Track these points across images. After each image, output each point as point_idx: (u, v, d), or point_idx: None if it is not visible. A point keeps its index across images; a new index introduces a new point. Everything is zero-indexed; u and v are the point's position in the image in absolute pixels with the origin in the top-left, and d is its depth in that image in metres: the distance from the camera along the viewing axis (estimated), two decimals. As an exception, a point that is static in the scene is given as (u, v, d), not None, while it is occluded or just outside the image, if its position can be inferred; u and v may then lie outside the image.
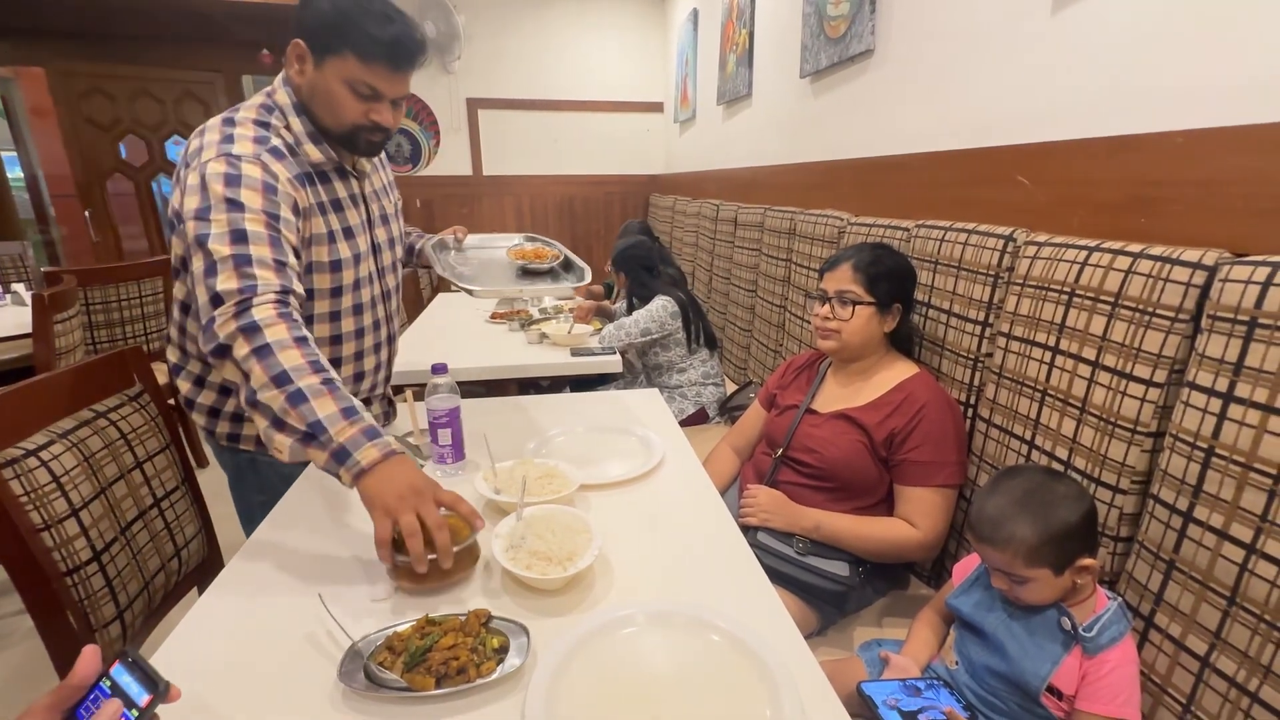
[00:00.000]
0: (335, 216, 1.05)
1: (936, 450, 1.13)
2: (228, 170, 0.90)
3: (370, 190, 1.15)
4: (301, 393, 0.80)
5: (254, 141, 0.96)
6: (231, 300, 0.84)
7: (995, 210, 1.25)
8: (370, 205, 1.15)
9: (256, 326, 0.82)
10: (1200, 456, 0.77)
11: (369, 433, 0.81)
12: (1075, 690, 0.80)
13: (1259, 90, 0.82)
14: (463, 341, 2.13)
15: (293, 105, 1.01)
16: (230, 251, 0.86)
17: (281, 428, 0.80)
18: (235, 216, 0.88)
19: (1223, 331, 0.75)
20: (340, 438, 0.79)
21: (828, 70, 2.01)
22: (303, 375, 0.81)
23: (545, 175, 4.62)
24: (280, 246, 0.91)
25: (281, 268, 0.89)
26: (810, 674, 0.66)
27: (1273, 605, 0.69)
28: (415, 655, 0.64)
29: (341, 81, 0.96)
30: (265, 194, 0.92)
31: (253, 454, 1.13)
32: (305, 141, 1.01)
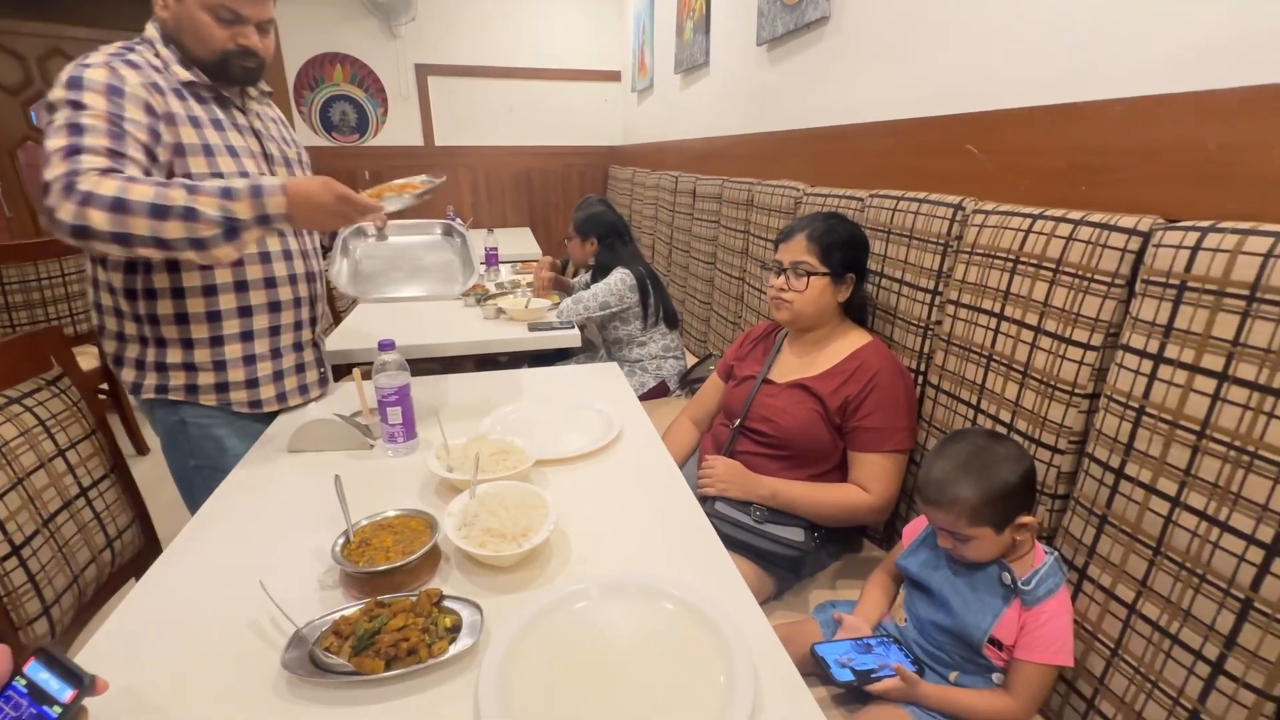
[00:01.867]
0: (213, 132, 1.06)
1: (887, 417, 1.15)
2: (71, 75, 0.93)
3: (264, 129, 1.18)
4: (189, 205, 0.87)
5: (108, 54, 0.98)
6: (58, 184, 0.85)
7: (946, 179, 1.26)
8: (265, 143, 1.17)
9: (90, 194, 0.84)
10: (1132, 416, 0.81)
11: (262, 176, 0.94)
12: (1014, 641, 0.84)
13: (1191, 59, 0.84)
14: (417, 318, 2.07)
15: (160, 38, 1.05)
16: (63, 143, 0.88)
17: (202, 246, 0.89)
18: (73, 114, 0.90)
19: (1154, 295, 0.78)
20: (244, 185, 0.90)
21: (784, 38, 1.98)
22: (170, 191, 0.87)
23: (501, 146, 4.48)
24: (122, 140, 0.92)
25: (116, 156, 0.91)
26: (764, 637, 0.67)
27: (1193, 554, 0.73)
28: (363, 638, 0.62)
29: (202, 8, 1.00)
30: (109, 96, 0.93)
31: (182, 413, 1.13)
32: (174, 65, 1.04)
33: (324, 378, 1.33)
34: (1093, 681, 0.86)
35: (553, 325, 1.91)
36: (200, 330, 1.09)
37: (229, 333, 1.12)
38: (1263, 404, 0.67)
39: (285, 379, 1.22)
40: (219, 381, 1.13)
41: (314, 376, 1.29)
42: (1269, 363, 0.66)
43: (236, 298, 1.11)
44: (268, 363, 1.18)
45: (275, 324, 1.18)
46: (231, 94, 1.12)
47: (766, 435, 1.25)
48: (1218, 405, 0.71)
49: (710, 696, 0.58)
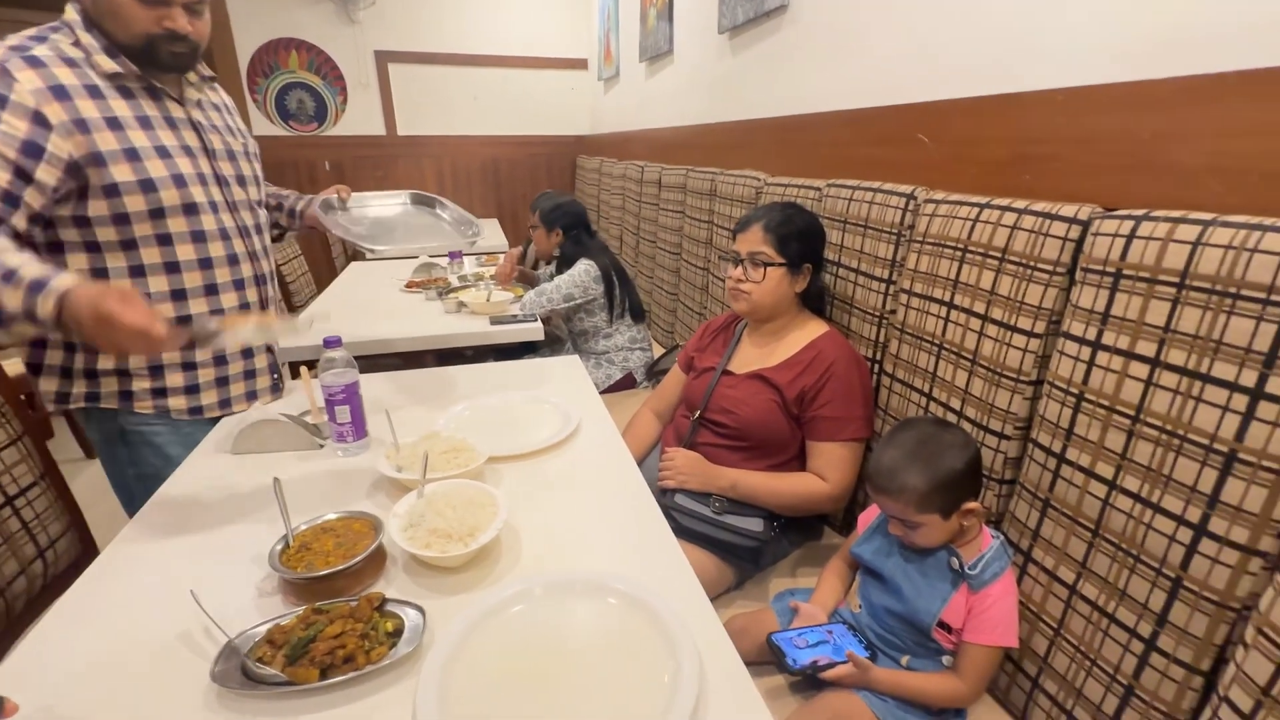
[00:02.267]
0: (140, 133, 0.98)
1: (844, 406, 1.16)
2: None
3: (205, 121, 1.10)
4: None
5: (7, 48, 0.89)
6: None
7: (899, 168, 1.27)
8: (206, 135, 1.08)
9: None
10: (1072, 402, 0.82)
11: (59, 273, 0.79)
12: (962, 624, 0.86)
13: (1129, 50, 0.85)
14: (376, 312, 2.02)
15: (81, 22, 0.95)
16: None
17: None
18: None
19: (1093, 283, 0.80)
20: (32, 273, 0.77)
21: (745, 25, 1.97)
22: None
23: (467, 136, 4.39)
24: None
25: None
26: (710, 629, 0.67)
27: (1128, 535, 0.75)
28: (297, 647, 0.60)
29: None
30: None
31: (118, 420, 1.06)
32: (98, 54, 0.95)
33: (276, 384, 1.27)
34: (1037, 661, 0.88)
35: (515, 318, 1.89)
36: None
37: None
38: (1191, 389, 0.69)
39: (231, 385, 1.16)
40: (155, 387, 1.07)
41: (265, 383, 1.23)
42: (1196, 348, 0.68)
43: (174, 307, 1.05)
44: (210, 369, 1.12)
45: (217, 306, 1.11)
46: (166, 83, 1.03)
47: (726, 426, 1.25)
48: (1150, 390, 0.73)
49: (655, 692, 0.58)
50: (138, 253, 1.00)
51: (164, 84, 1.02)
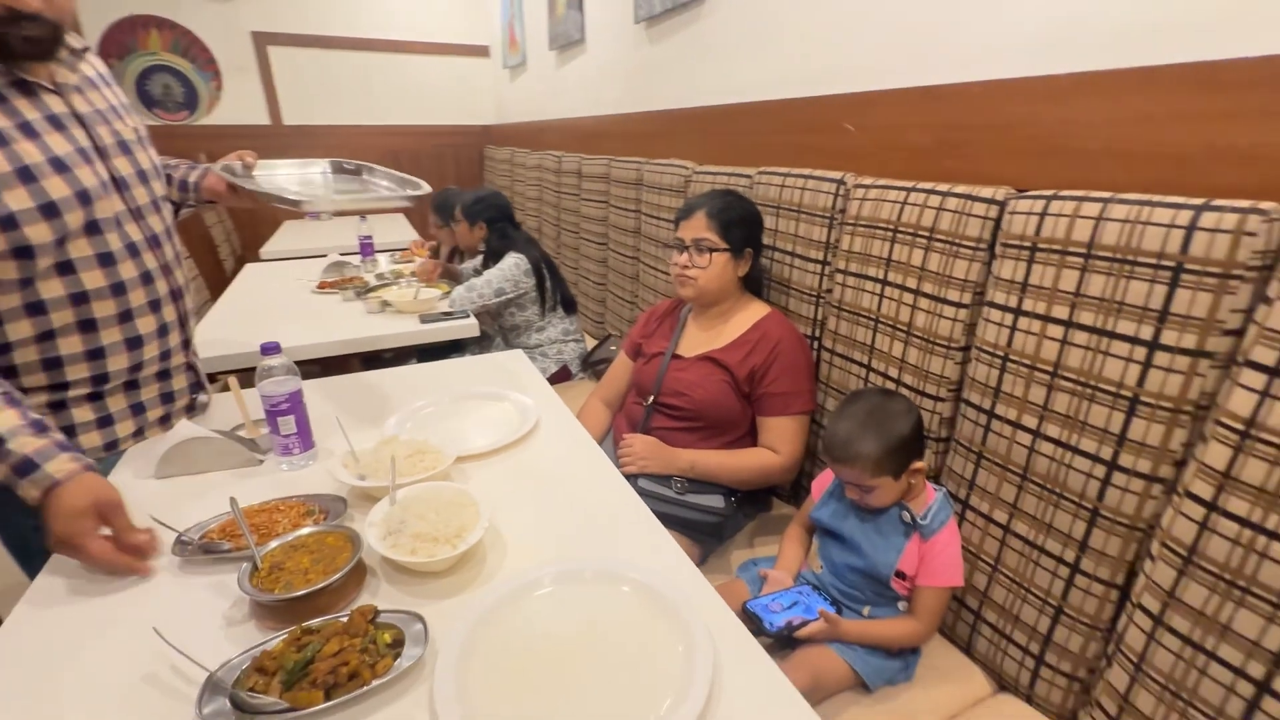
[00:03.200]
0: (30, 145, 0.81)
1: (792, 381, 1.23)
2: None
3: (90, 110, 0.91)
4: None
5: None
6: None
7: (826, 156, 1.35)
8: (94, 129, 0.91)
9: None
10: (998, 363, 0.93)
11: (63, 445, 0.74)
12: (916, 571, 0.94)
13: (1034, 46, 0.96)
14: (287, 317, 1.87)
15: None
16: None
17: None
18: None
19: (1012, 256, 0.89)
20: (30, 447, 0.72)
21: (663, 16, 2.00)
22: None
23: (363, 125, 4.14)
24: None
25: None
26: (711, 600, 0.70)
27: (1051, 475, 0.86)
28: (294, 670, 0.57)
29: None
30: None
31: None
32: None
33: (194, 404, 1.12)
34: (978, 595, 0.99)
35: (447, 315, 1.82)
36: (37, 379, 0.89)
37: (75, 378, 0.92)
38: (1099, 344, 0.79)
39: (148, 410, 1.02)
40: (62, 425, 0.92)
41: (184, 403, 1.10)
42: (1102, 309, 0.79)
43: (83, 340, 0.90)
44: (120, 395, 0.98)
45: (136, 361, 0.97)
46: (34, 74, 0.84)
47: (680, 409, 1.28)
48: (1065, 348, 0.83)
49: (672, 665, 0.60)
50: (35, 288, 0.84)
51: (34, 75, 0.84)
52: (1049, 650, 0.89)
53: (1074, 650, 0.86)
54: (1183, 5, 0.79)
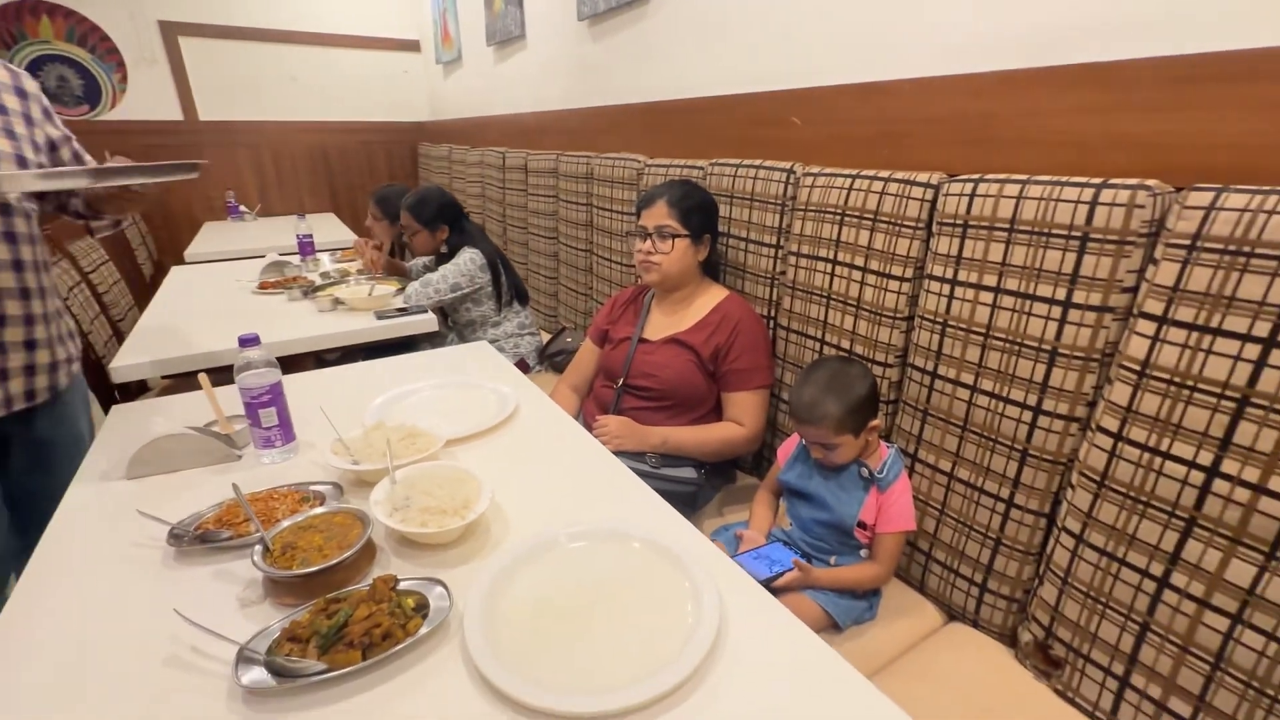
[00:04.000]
0: None
1: (752, 358, 1.31)
2: None
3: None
4: None
5: None
6: None
7: (775, 147, 1.44)
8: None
9: None
10: (938, 329, 1.04)
11: None
12: (875, 520, 1.05)
13: (959, 48, 1.08)
14: (233, 318, 1.80)
15: None
16: None
17: None
18: None
19: (947, 234, 1.01)
20: None
21: (607, 14, 2.05)
22: None
23: (288, 122, 3.96)
24: None
25: None
26: (711, 553, 0.76)
27: (988, 425, 0.98)
28: (329, 635, 0.59)
29: None
30: None
31: None
32: None
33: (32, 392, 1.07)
34: (928, 538, 1.11)
35: (404, 311, 1.81)
36: None
37: None
38: (1023, 306, 0.92)
39: None
40: None
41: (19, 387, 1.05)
42: (1025, 276, 0.91)
43: None
44: None
45: None
46: None
47: (650, 390, 1.34)
48: (995, 312, 0.95)
49: (683, 603, 0.66)
50: None
51: None
52: (990, 578, 1.02)
53: (1011, 575, 0.99)
54: (1081, 13, 0.92)
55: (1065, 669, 0.91)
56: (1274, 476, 0.69)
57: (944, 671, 0.97)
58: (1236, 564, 0.73)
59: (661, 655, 0.59)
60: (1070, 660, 0.90)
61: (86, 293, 1.88)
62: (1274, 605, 0.70)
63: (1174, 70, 0.83)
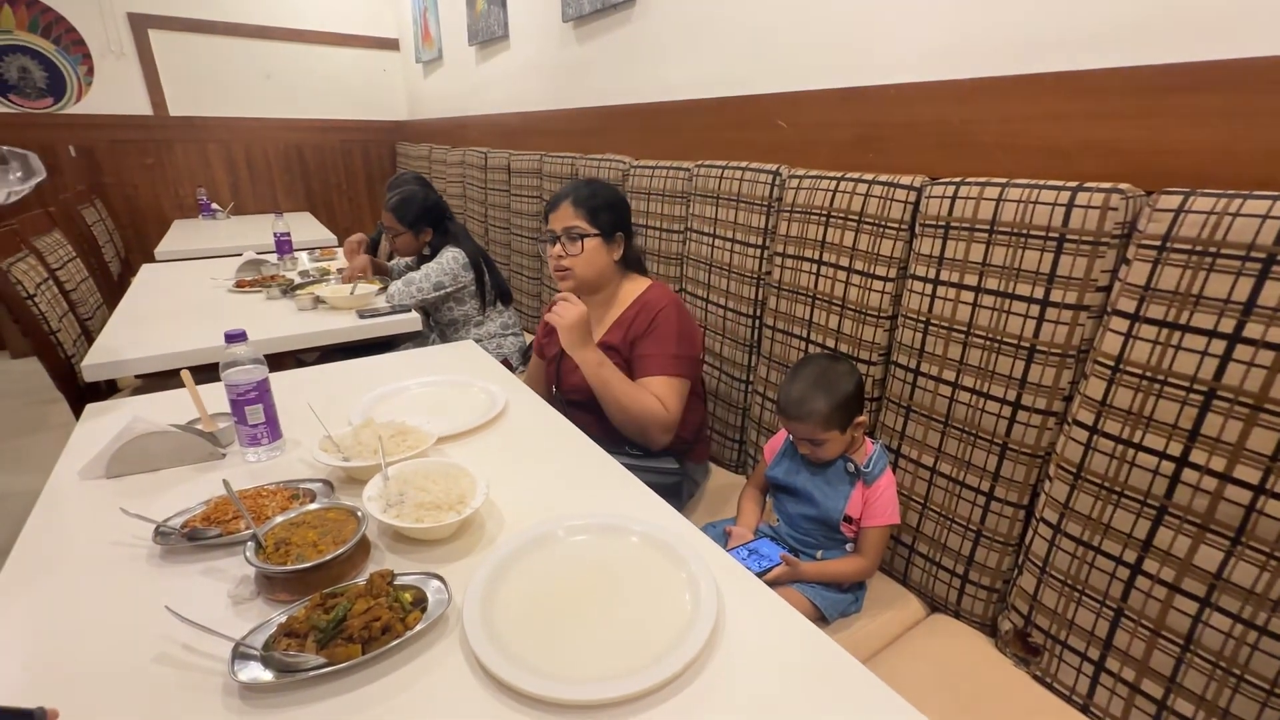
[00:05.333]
0: None
1: (659, 344, 1.23)
2: None
3: None
4: None
5: None
6: None
7: (760, 150, 1.47)
8: None
9: None
10: (921, 328, 1.07)
11: None
12: (861, 514, 1.07)
13: (940, 55, 1.11)
14: (210, 316, 1.77)
15: None
16: None
17: None
18: None
19: (930, 235, 1.04)
20: None
21: (591, 16, 2.06)
22: None
23: (261, 118, 3.88)
24: None
25: None
26: (707, 545, 0.77)
27: (969, 420, 1.01)
28: (328, 629, 0.59)
29: None
30: None
31: None
32: None
33: None
34: (911, 531, 1.13)
35: (384, 311, 1.79)
36: None
37: None
38: (1003, 305, 0.95)
39: None
40: None
41: None
42: (1005, 276, 0.94)
43: None
44: None
45: None
46: None
47: (583, 402, 1.29)
48: (976, 310, 0.99)
49: (681, 593, 0.67)
50: None
51: None
52: (972, 570, 1.05)
53: (991, 566, 1.02)
54: (1055, 24, 0.96)
55: (1044, 656, 0.94)
56: (1239, 465, 0.73)
57: (927, 662, 1.00)
58: (1205, 550, 0.76)
59: (662, 644, 0.60)
60: (1048, 647, 0.93)
61: (54, 290, 1.82)
62: (1240, 589, 0.74)
63: (1141, 80, 0.87)
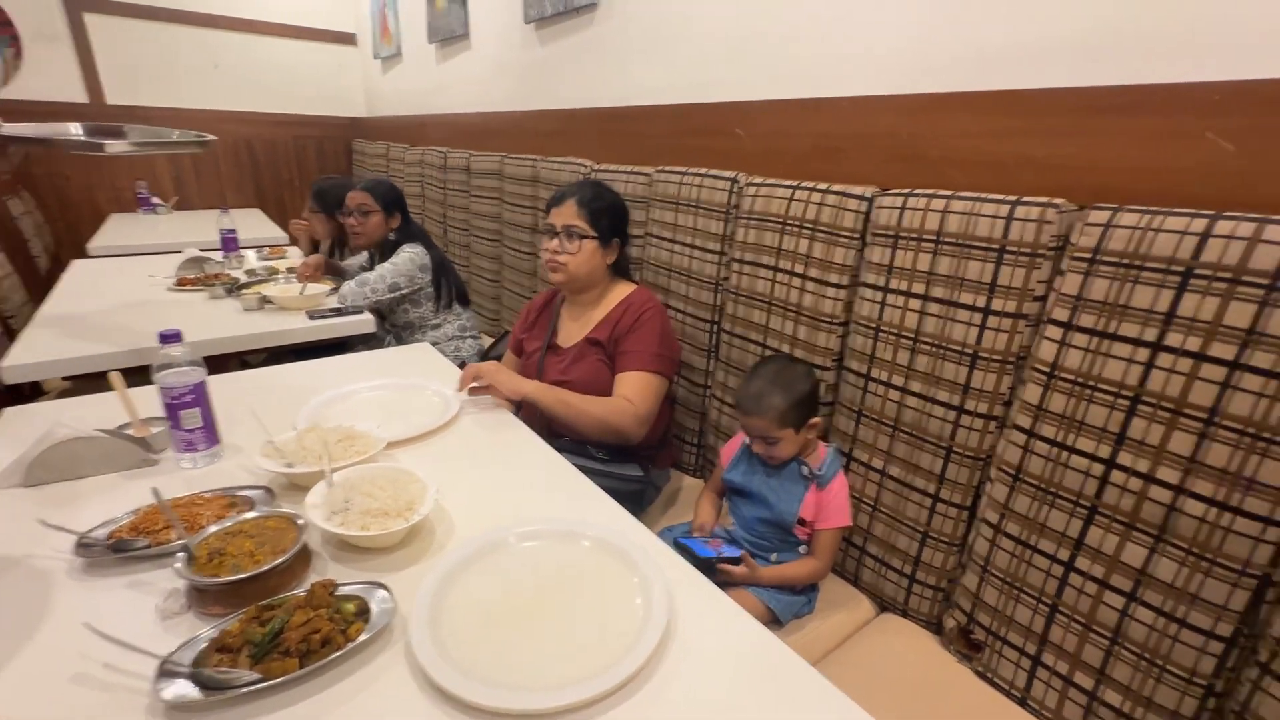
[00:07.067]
0: None
1: (643, 342, 1.25)
2: None
3: None
4: None
5: None
6: None
7: (717, 157, 1.48)
8: None
9: None
10: (871, 334, 1.10)
11: None
12: (814, 517, 1.09)
13: (891, 70, 1.15)
14: (147, 316, 1.68)
15: None
16: None
17: None
18: None
19: (879, 244, 1.07)
20: None
21: (554, 18, 2.05)
22: None
23: (209, 110, 3.72)
24: None
25: None
26: (659, 549, 0.77)
27: (917, 425, 1.04)
28: (264, 643, 0.56)
29: None
30: None
31: None
32: None
33: None
34: (862, 533, 1.16)
35: (340, 311, 1.74)
36: None
37: None
38: (949, 313, 0.98)
39: None
40: None
41: None
42: (950, 285, 0.98)
43: None
44: None
45: None
46: None
47: None
48: (923, 318, 1.02)
49: (632, 599, 0.67)
50: None
51: None
52: (919, 570, 1.08)
53: (937, 566, 1.05)
54: (996, 44, 1.00)
55: (985, 652, 0.97)
56: (1161, 467, 0.77)
57: (875, 661, 1.02)
58: (1131, 547, 0.80)
59: (612, 650, 0.60)
60: (989, 643, 0.97)
61: (-28, 286, 1.70)
62: (1162, 583, 0.78)
63: (1075, 100, 0.92)
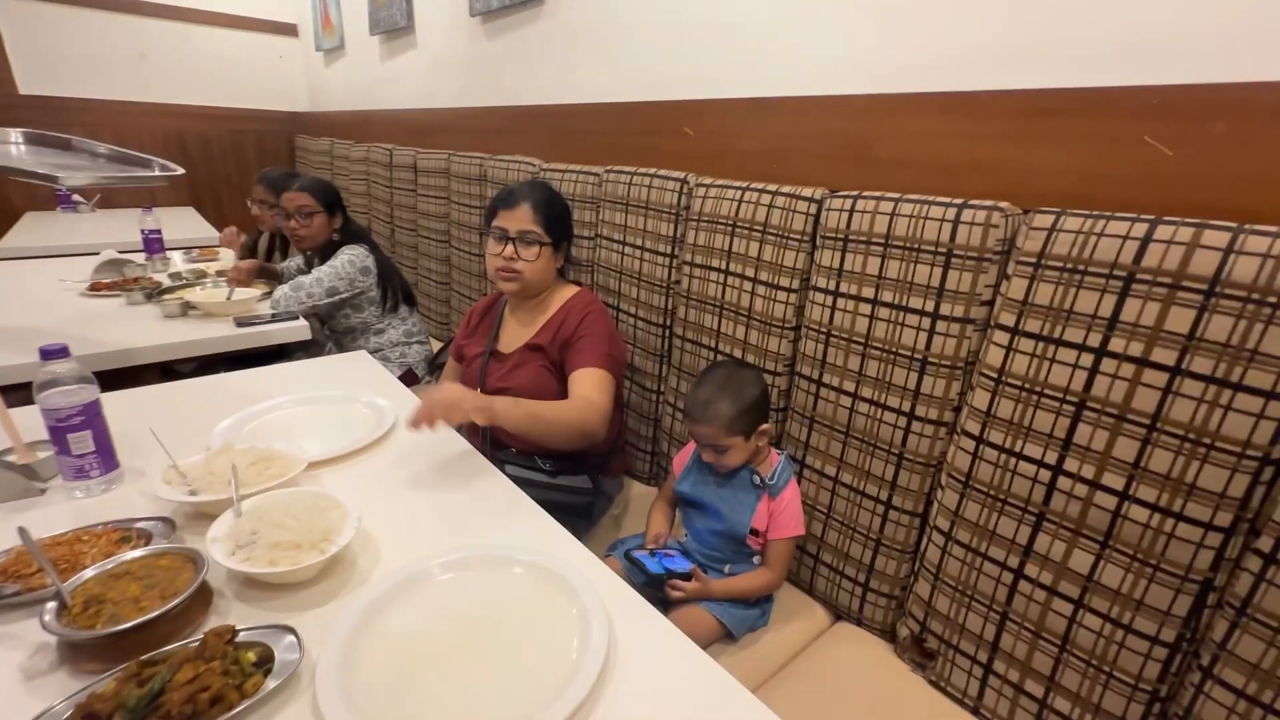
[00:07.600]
0: None
1: (593, 341, 1.21)
2: None
3: None
4: None
5: None
6: None
7: (666, 157, 1.45)
8: None
9: None
10: (823, 339, 1.08)
11: None
12: (766, 527, 1.06)
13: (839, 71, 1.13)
14: (53, 324, 1.54)
15: None
16: None
17: None
18: None
19: (830, 247, 1.05)
20: None
21: (500, 12, 1.98)
22: None
23: (135, 102, 3.50)
24: None
25: None
26: (600, 573, 0.73)
27: (868, 431, 1.02)
28: (138, 708, 0.49)
29: None
30: None
31: None
32: None
33: None
34: (815, 541, 1.14)
35: (271, 318, 1.63)
36: None
37: None
38: (898, 318, 0.97)
39: None
40: None
41: None
42: (899, 289, 0.96)
43: None
44: None
45: None
46: None
47: None
48: (873, 322, 1.00)
49: (569, 633, 0.62)
50: None
51: None
52: (873, 578, 1.06)
53: (890, 574, 1.04)
54: (939, 45, 0.99)
55: (938, 660, 0.96)
56: (1106, 473, 0.77)
57: (830, 671, 1.00)
58: (1078, 553, 0.80)
59: (546, 690, 0.55)
60: (942, 652, 0.95)
61: None
62: (1109, 589, 0.78)
63: (1017, 103, 0.91)
